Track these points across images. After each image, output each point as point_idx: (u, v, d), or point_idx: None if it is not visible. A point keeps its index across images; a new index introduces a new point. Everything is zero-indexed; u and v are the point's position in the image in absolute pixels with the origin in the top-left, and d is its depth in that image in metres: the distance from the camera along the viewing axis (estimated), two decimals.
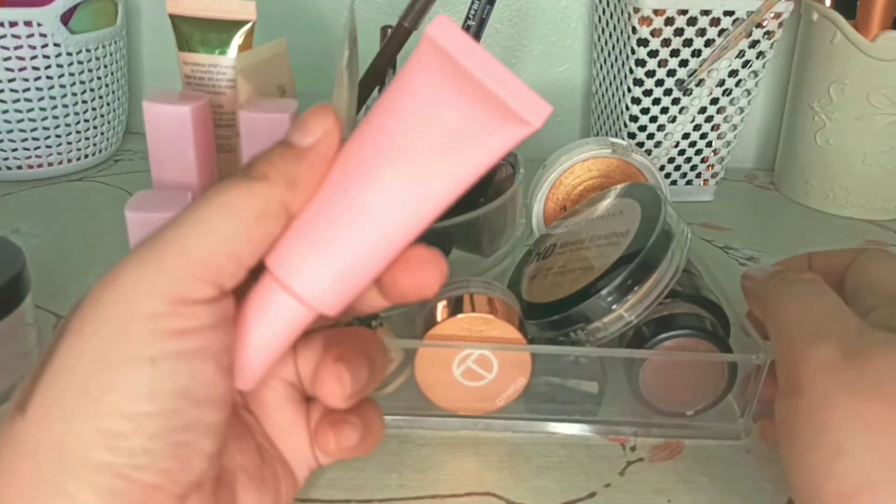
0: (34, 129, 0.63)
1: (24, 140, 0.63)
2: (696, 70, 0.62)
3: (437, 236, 0.41)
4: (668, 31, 0.60)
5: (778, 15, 0.61)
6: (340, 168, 0.22)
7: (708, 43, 0.61)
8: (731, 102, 0.65)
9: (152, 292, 0.19)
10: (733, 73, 0.63)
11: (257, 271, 0.22)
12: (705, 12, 0.60)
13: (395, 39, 0.52)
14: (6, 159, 0.63)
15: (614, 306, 0.36)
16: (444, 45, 0.19)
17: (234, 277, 0.20)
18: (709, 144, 0.67)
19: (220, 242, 0.20)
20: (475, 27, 0.51)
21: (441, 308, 0.37)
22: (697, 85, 0.63)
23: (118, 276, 0.20)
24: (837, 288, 0.32)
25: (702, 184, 0.69)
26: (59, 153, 0.65)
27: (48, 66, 0.61)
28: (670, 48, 0.61)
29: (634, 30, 0.60)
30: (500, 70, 0.19)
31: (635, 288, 0.36)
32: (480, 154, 0.21)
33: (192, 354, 0.19)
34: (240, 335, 0.22)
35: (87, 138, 0.66)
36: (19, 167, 0.64)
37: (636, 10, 0.59)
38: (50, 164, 0.65)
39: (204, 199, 0.20)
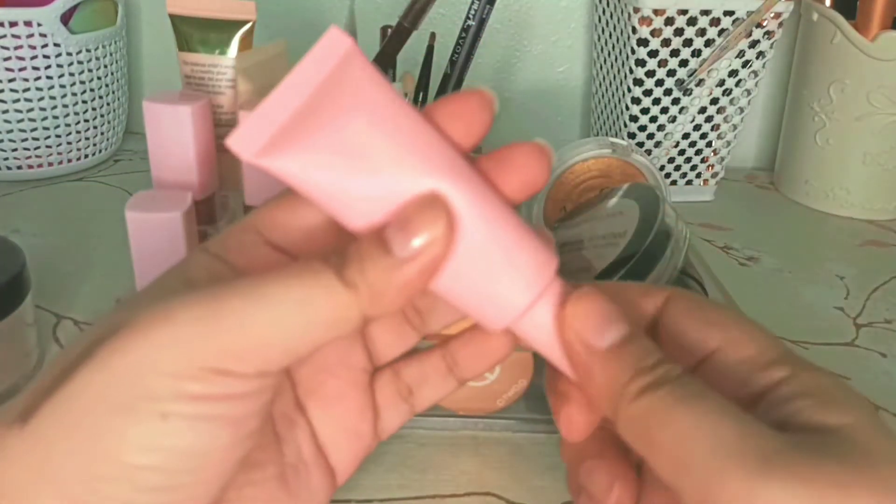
0: (34, 129, 0.63)
1: (24, 140, 0.63)
2: (696, 70, 0.62)
3: None
4: (668, 31, 0.60)
5: (778, 15, 0.61)
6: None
7: (708, 43, 0.61)
8: (731, 102, 0.65)
9: (187, 356, 0.18)
10: (733, 73, 0.63)
11: None
12: (705, 12, 0.60)
13: (395, 39, 0.52)
14: (6, 159, 0.63)
15: None
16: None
17: (279, 367, 0.19)
18: (709, 144, 0.67)
19: (280, 336, 0.18)
20: (475, 27, 0.51)
21: None
22: (697, 85, 0.63)
23: (157, 323, 0.18)
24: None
25: (702, 184, 0.69)
26: (59, 153, 0.65)
27: (48, 66, 0.61)
28: (670, 48, 0.61)
29: (634, 30, 0.60)
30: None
31: None
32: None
33: (209, 419, 0.18)
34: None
35: (87, 138, 0.66)
36: (19, 167, 0.64)
37: (636, 10, 0.59)
38: (50, 164, 0.65)
39: (279, 281, 0.18)
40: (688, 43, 0.61)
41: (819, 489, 0.17)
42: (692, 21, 0.60)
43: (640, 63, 0.62)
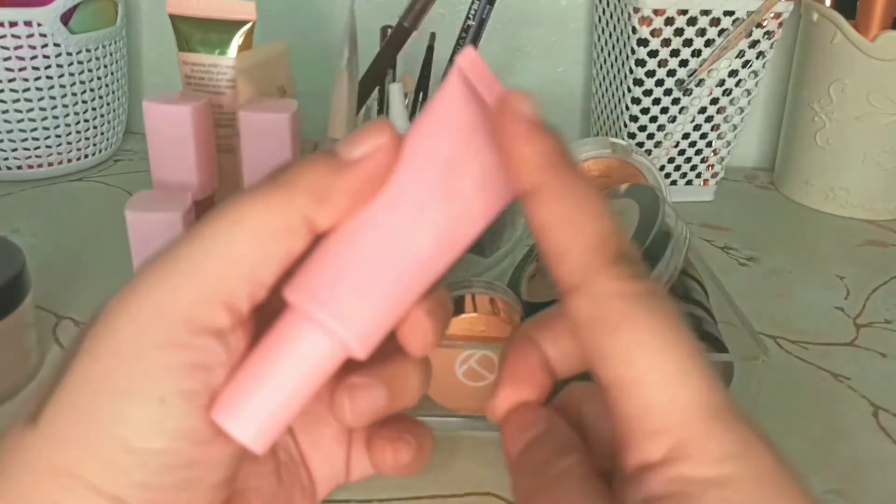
0: (34, 129, 0.63)
1: (24, 140, 0.63)
2: (696, 70, 0.62)
3: None
4: (668, 31, 0.60)
5: (778, 15, 0.61)
6: (384, 198, 0.20)
7: (708, 43, 0.61)
8: (731, 102, 0.65)
9: (165, 319, 0.18)
10: (733, 73, 0.63)
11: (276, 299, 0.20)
12: (705, 12, 0.60)
13: (395, 39, 0.52)
14: (6, 159, 0.63)
15: None
16: (474, 81, 0.19)
17: (251, 300, 0.19)
18: (709, 144, 0.67)
19: (232, 263, 0.18)
20: (475, 27, 0.51)
21: None
22: (697, 85, 0.63)
23: (130, 298, 0.18)
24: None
25: (702, 184, 0.69)
26: (59, 153, 0.65)
27: (48, 66, 0.61)
28: (670, 48, 0.61)
29: (634, 30, 0.60)
30: None
31: None
32: (504, 193, 0.21)
33: (202, 394, 0.19)
34: (254, 385, 0.19)
35: (87, 138, 0.66)
36: (19, 167, 0.64)
37: (636, 10, 0.59)
38: (50, 164, 0.65)
39: (217, 212, 0.19)
40: (688, 43, 0.61)
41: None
42: (692, 21, 0.60)
43: (640, 63, 0.62)
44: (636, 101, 0.63)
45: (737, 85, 0.64)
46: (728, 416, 0.17)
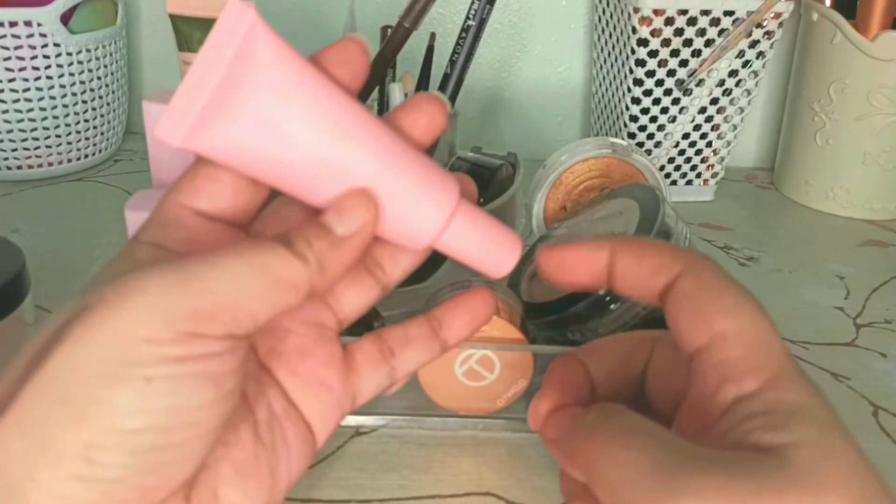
0: (34, 129, 0.63)
1: (24, 140, 0.63)
2: (696, 70, 0.62)
3: None
4: (668, 31, 0.60)
5: (778, 15, 0.61)
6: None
7: (708, 43, 0.61)
8: (731, 102, 0.65)
9: (164, 321, 0.19)
10: (733, 73, 0.63)
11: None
12: (705, 12, 0.60)
13: (395, 39, 0.51)
14: (6, 159, 0.63)
15: (612, 306, 0.36)
16: (228, 41, 0.19)
17: (244, 331, 0.20)
18: (709, 144, 0.67)
19: (245, 297, 0.20)
20: (475, 27, 0.51)
21: None
22: (697, 85, 0.63)
23: (130, 293, 0.19)
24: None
25: (702, 184, 0.69)
26: (59, 153, 0.65)
27: (48, 66, 0.61)
28: (670, 48, 0.61)
29: (634, 30, 0.60)
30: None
31: None
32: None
33: (191, 377, 0.19)
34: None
35: (87, 138, 0.66)
36: (19, 167, 0.64)
37: (636, 10, 0.59)
38: (50, 164, 0.65)
39: (240, 252, 0.20)
40: (688, 43, 0.61)
41: None
42: (692, 21, 0.60)
43: (640, 63, 0.62)
44: (636, 101, 0.63)
45: (737, 85, 0.64)
46: (799, 370, 0.22)
